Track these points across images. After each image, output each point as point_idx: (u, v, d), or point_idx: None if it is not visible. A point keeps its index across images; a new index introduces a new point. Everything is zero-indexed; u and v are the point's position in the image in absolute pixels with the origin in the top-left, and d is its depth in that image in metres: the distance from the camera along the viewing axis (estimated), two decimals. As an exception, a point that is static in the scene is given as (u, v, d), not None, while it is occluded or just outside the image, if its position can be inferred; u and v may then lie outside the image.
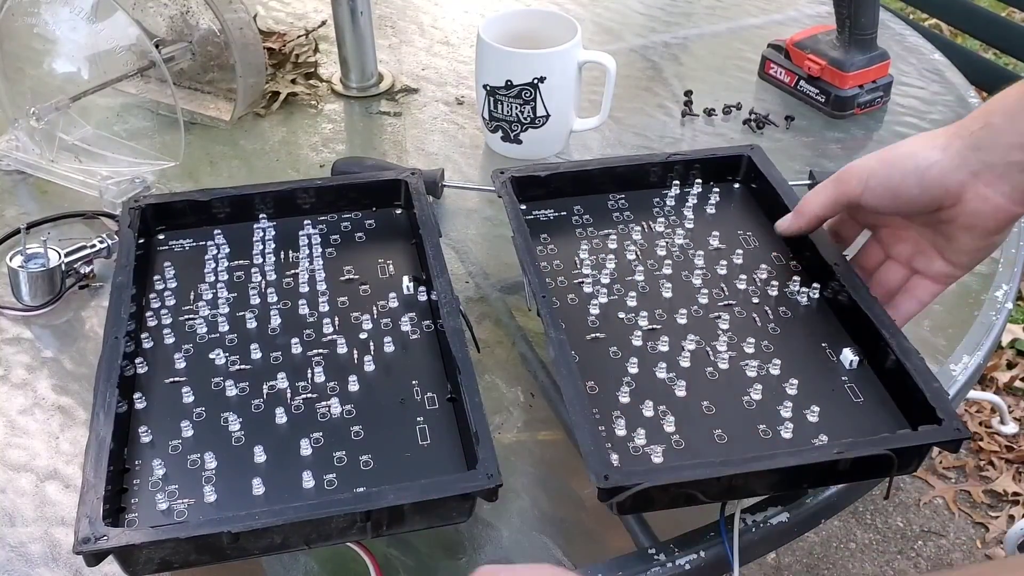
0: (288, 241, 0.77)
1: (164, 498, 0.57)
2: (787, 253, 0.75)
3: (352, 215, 0.80)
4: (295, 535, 0.55)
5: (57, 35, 0.96)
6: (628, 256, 0.75)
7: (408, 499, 0.54)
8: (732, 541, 0.62)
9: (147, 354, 0.67)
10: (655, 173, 0.82)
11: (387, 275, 0.74)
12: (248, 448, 0.60)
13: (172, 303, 0.71)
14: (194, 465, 0.59)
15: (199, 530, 0.53)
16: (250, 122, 1.06)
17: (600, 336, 0.68)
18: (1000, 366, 1.92)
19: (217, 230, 0.78)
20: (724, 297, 0.71)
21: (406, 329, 0.69)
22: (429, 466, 0.59)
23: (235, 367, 0.66)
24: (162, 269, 0.74)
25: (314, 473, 0.58)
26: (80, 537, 0.52)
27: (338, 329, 0.69)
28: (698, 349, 0.67)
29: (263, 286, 0.73)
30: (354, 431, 0.61)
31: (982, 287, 0.84)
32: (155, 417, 0.63)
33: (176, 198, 0.79)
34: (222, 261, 0.75)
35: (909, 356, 0.62)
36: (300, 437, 0.61)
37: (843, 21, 1.04)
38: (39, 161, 0.95)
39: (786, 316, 0.70)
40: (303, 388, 0.64)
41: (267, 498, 0.57)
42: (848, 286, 0.68)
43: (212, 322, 0.70)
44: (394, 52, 1.19)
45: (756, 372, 0.65)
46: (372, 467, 0.59)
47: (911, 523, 1.68)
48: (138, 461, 0.60)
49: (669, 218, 0.79)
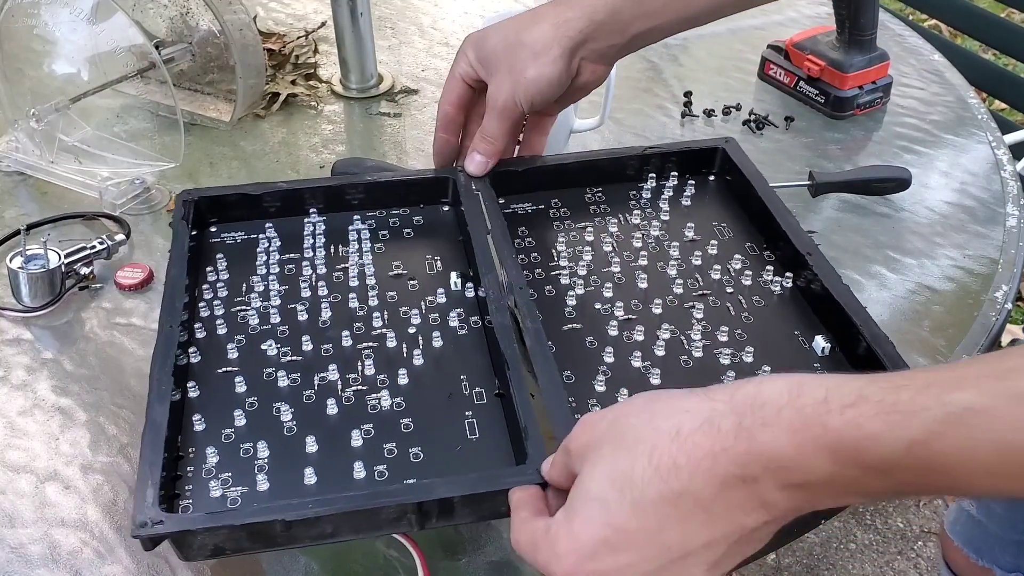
0: (337, 236, 0.78)
1: (217, 486, 0.58)
2: (761, 244, 0.77)
3: (400, 211, 0.81)
4: (346, 525, 0.55)
5: (57, 36, 0.96)
6: (605, 248, 0.76)
7: (459, 492, 0.55)
8: None
9: (200, 344, 0.68)
10: (632, 166, 0.83)
11: (435, 271, 0.75)
12: (300, 438, 0.61)
13: (224, 294, 0.73)
14: (247, 454, 0.60)
15: (253, 517, 0.54)
16: (250, 123, 1.06)
17: (577, 327, 0.69)
18: (1000, 367, 1.91)
19: (268, 223, 0.79)
20: (699, 287, 0.72)
21: (454, 324, 0.70)
22: (478, 460, 0.60)
23: (287, 358, 0.67)
24: (214, 261, 0.75)
25: (365, 464, 0.59)
26: (138, 522, 0.53)
27: (387, 323, 0.70)
28: (673, 338, 0.68)
29: (313, 279, 0.74)
30: (403, 423, 0.62)
31: (982, 287, 0.84)
32: (208, 406, 0.64)
33: (228, 191, 0.80)
34: (273, 254, 0.76)
35: (880, 343, 0.63)
36: (351, 428, 0.61)
37: (842, 22, 1.04)
38: (39, 162, 0.95)
39: (759, 305, 0.71)
40: (353, 380, 0.65)
41: (319, 488, 0.58)
42: (820, 275, 0.69)
43: (264, 314, 0.71)
44: (394, 53, 1.19)
45: (730, 360, 0.66)
46: (422, 459, 0.60)
47: (911, 524, 1.68)
48: (192, 449, 0.61)
49: (645, 210, 0.80)
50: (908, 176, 0.93)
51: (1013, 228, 0.91)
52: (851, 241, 0.89)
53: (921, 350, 0.78)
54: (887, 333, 0.64)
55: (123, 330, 0.79)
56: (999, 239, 0.89)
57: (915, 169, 0.96)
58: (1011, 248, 0.88)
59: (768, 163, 0.97)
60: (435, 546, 0.63)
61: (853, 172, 0.94)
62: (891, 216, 0.92)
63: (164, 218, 0.92)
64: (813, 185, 0.92)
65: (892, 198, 0.94)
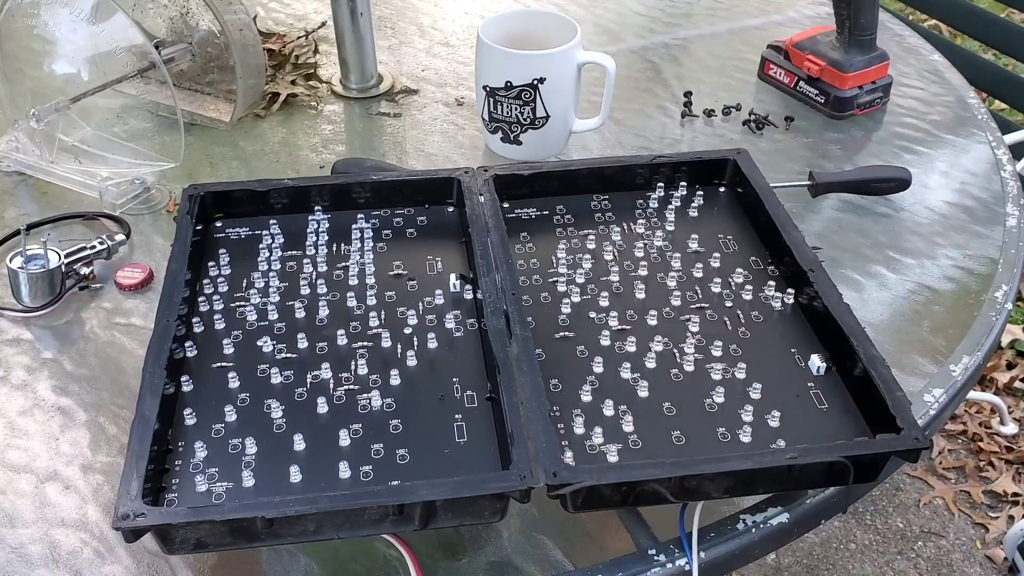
0: (341, 234, 0.79)
1: (204, 480, 0.58)
2: (765, 258, 0.75)
3: (405, 211, 0.81)
4: (328, 524, 0.55)
5: (57, 36, 0.96)
6: (606, 256, 0.76)
7: (441, 495, 0.55)
8: (691, 541, 0.61)
9: (197, 338, 0.69)
10: (641, 175, 0.82)
11: (435, 272, 0.75)
12: (288, 436, 0.61)
13: (225, 289, 0.73)
14: (235, 450, 0.61)
15: (234, 513, 0.54)
16: (250, 123, 1.06)
17: (569, 335, 0.69)
18: (1000, 367, 1.92)
19: (273, 220, 0.79)
20: (697, 300, 0.72)
21: (450, 326, 0.70)
22: (465, 464, 0.60)
23: (281, 355, 0.67)
24: (217, 256, 0.76)
25: (351, 464, 0.59)
26: (119, 513, 0.53)
27: (384, 323, 0.70)
28: (665, 351, 0.67)
29: (314, 277, 0.74)
30: (393, 424, 0.62)
31: (982, 287, 0.84)
32: (201, 400, 0.64)
33: (234, 187, 0.80)
34: (276, 251, 0.77)
35: (875, 364, 0.62)
36: (340, 428, 0.61)
37: (842, 22, 1.04)
38: (39, 162, 0.95)
39: (758, 320, 0.70)
40: (345, 379, 0.65)
41: (303, 486, 0.58)
42: (821, 292, 0.68)
43: (262, 310, 0.71)
44: (394, 53, 1.19)
45: (721, 375, 0.65)
46: (408, 461, 0.60)
47: (911, 524, 1.68)
48: (181, 442, 0.61)
49: (651, 220, 0.79)
50: (908, 176, 0.93)
51: (1013, 228, 0.91)
52: (851, 241, 0.89)
53: (921, 350, 0.78)
54: (887, 333, 0.64)
55: (123, 330, 0.79)
56: (999, 239, 0.89)
57: (915, 169, 0.96)
58: (1011, 248, 0.88)
59: (768, 163, 0.97)
60: (435, 546, 0.63)
61: (853, 172, 0.94)
62: (891, 216, 0.92)
63: (164, 218, 0.92)
64: (813, 185, 0.92)
65: (892, 198, 0.94)
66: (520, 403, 0.60)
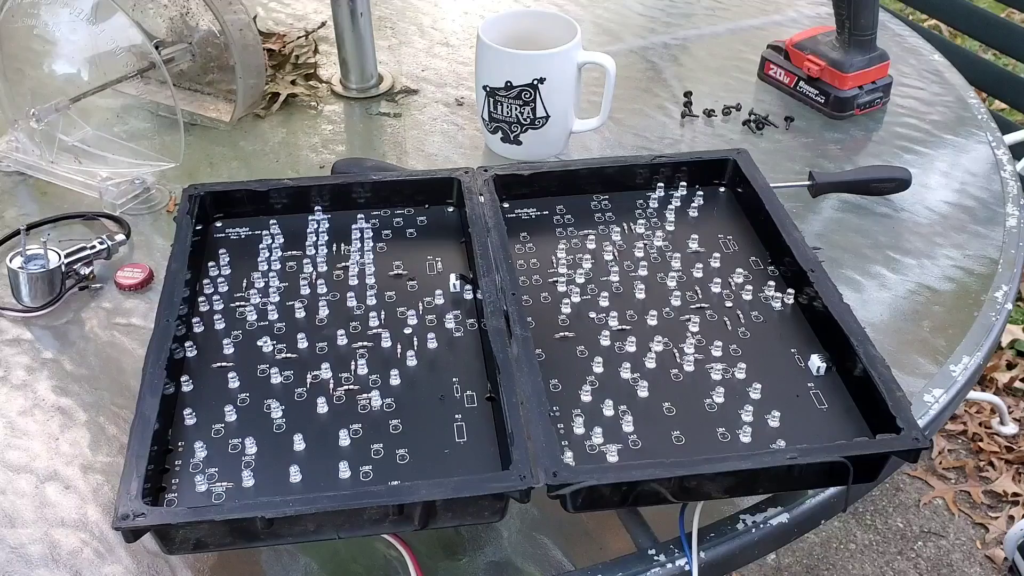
0: (341, 234, 0.79)
1: (204, 480, 0.58)
2: (766, 258, 0.75)
3: (405, 211, 0.81)
4: (328, 524, 0.55)
5: (57, 36, 0.96)
6: (605, 256, 0.76)
7: (440, 495, 0.55)
8: (691, 541, 0.61)
9: (197, 338, 0.69)
10: (641, 175, 0.82)
11: (435, 272, 0.75)
12: (288, 436, 0.61)
13: (225, 289, 0.73)
14: (235, 450, 0.61)
15: (234, 513, 0.54)
16: (250, 123, 1.06)
17: (569, 335, 0.69)
18: (1000, 367, 1.92)
19: (273, 220, 0.79)
20: (697, 300, 0.72)
21: (450, 326, 0.70)
22: (465, 464, 0.60)
23: (281, 355, 0.67)
24: (217, 256, 0.76)
25: (351, 464, 0.59)
26: (119, 513, 0.53)
27: (384, 323, 0.70)
28: (665, 351, 0.67)
29: (314, 277, 0.74)
30: (393, 424, 0.62)
31: (982, 288, 0.84)
32: (201, 400, 0.64)
33: (235, 187, 0.80)
34: (276, 251, 0.77)
35: (875, 364, 0.62)
36: (339, 428, 0.61)
37: (842, 22, 1.04)
38: (39, 162, 0.95)
39: (758, 321, 0.70)
40: (345, 379, 0.65)
41: (303, 486, 0.58)
42: (821, 292, 0.68)
43: (262, 310, 0.71)
44: (394, 53, 1.19)
45: (721, 375, 0.65)
46: (408, 461, 0.60)
47: (911, 524, 1.68)
48: (181, 442, 0.61)
49: (651, 220, 0.79)
50: (908, 176, 0.93)
51: (1013, 228, 0.91)
52: (851, 241, 0.89)
53: (921, 350, 0.78)
54: (887, 333, 0.64)
55: (123, 330, 0.79)
56: (999, 239, 0.89)
57: (915, 169, 0.96)
58: (1011, 248, 0.88)
59: (768, 163, 0.97)
60: (435, 546, 0.63)
61: (853, 172, 0.94)
62: (891, 216, 0.92)
63: (164, 218, 0.92)
64: (813, 185, 0.92)
65: (892, 198, 0.94)
66: (520, 403, 0.60)
